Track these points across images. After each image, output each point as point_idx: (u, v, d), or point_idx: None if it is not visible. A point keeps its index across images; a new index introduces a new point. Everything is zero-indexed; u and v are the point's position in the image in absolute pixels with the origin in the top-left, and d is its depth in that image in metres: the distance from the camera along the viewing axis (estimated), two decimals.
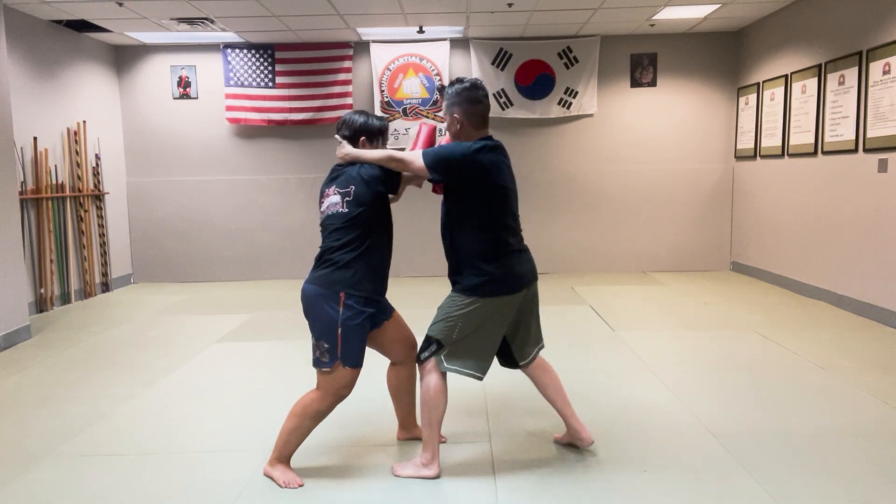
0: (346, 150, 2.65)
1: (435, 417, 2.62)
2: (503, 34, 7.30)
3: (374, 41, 7.42)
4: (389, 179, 2.60)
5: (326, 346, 2.51)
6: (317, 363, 2.56)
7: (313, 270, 2.60)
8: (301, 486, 2.61)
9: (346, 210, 2.55)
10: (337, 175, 2.65)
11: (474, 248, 2.58)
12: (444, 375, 2.63)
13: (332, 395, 2.57)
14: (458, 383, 3.66)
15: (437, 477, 2.65)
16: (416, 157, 2.57)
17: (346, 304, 2.51)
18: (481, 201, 2.56)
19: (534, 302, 2.78)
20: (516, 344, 2.77)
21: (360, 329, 2.55)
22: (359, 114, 2.74)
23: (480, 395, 3.57)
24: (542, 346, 2.87)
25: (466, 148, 2.55)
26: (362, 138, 2.69)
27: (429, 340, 2.64)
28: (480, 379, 2.67)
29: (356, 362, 2.56)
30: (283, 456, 2.66)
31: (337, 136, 2.71)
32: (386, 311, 2.78)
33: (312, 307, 2.55)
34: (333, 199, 2.59)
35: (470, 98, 2.63)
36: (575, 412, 2.87)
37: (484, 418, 3.27)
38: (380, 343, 2.80)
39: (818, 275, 5.91)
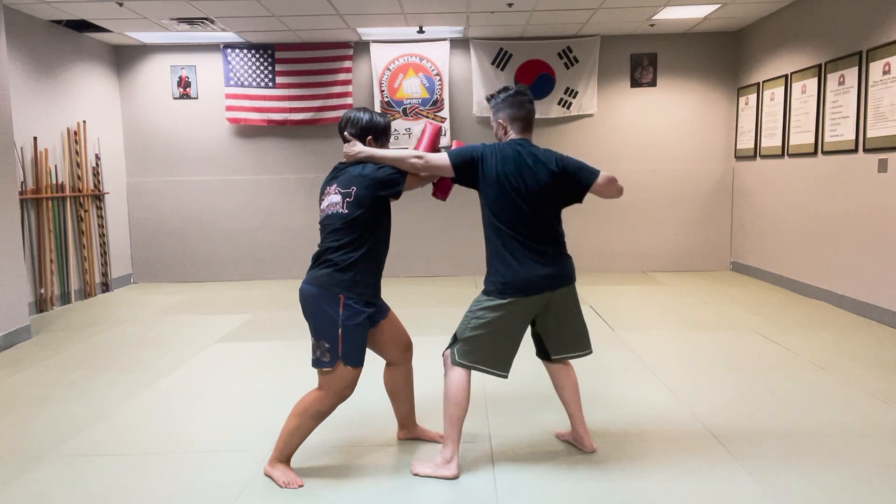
0: (359, 148, 2.62)
1: (456, 415, 2.62)
2: (503, 34, 7.30)
3: (374, 41, 7.42)
4: (393, 183, 2.57)
5: (327, 345, 2.50)
6: (317, 363, 2.55)
7: (311, 270, 2.59)
8: (301, 486, 2.60)
9: (346, 211, 2.53)
10: (339, 173, 2.62)
11: (491, 249, 2.65)
12: (467, 373, 2.64)
13: (333, 396, 2.57)
14: None
15: (455, 477, 2.63)
16: (440, 156, 2.61)
17: (345, 304, 2.50)
18: (489, 202, 2.61)
19: (565, 307, 2.72)
20: (548, 339, 2.76)
21: (361, 328, 2.55)
22: (362, 111, 2.69)
23: (481, 395, 3.56)
24: (588, 353, 2.81)
25: (482, 147, 2.63)
26: (369, 137, 2.66)
27: (453, 336, 2.71)
28: (503, 376, 2.68)
29: (357, 362, 2.55)
30: (283, 456, 2.65)
31: (346, 135, 2.66)
32: (382, 311, 2.78)
33: (312, 308, 2.54)
34: (334, 198, 2.57)
35: (514, 103, 2.68)
36: (584, 419, 2.89)
37: (484, 418, 3.26)
38: (375, 342, 2.79)
39: (818, 275, 5.91)
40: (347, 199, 2.53)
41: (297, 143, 7.67)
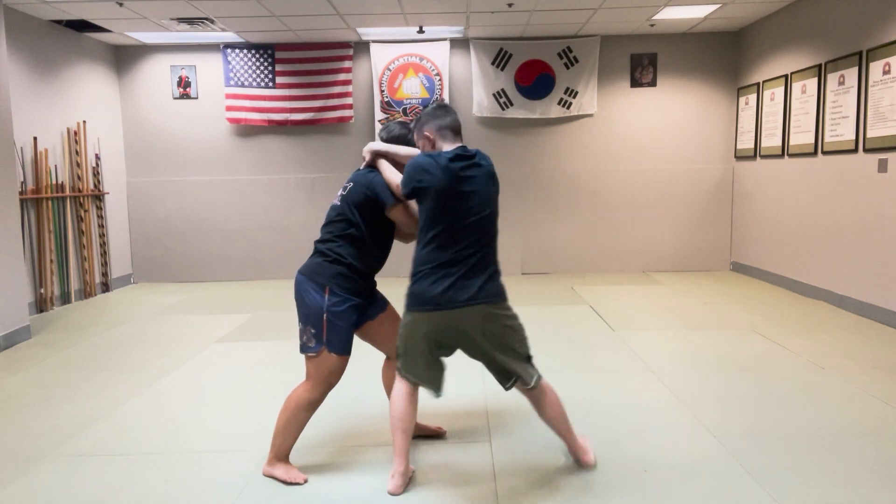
0: (376, 146, 2.68)
1: (394, 425, 2.52)
2: (503, 34, 7.30)
3: (374, 41, 7.42)
4: (383, 190, 2.60)
5: (313, 331, 2.56)
6: (303, 348, 2.60)
7: (308, 258, 2.69)
8: (306, 481, 2.62)
9: (339, 205, 2.66)
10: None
11: (414, 259, 2.53)
12: (413, 385, 2.54)
13: (321, 384, 2.60)
14: (458, 383, 3.67)
15: (394, 494, 2.51)
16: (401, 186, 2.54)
17: (331, 291, 2.57)
18: (420, 215, 2.52)
19: (482, 334, 2.47)
20: (488, 369, 2.62)
21: (346, 316, 2.58)
22: (402, 126, 2.79)
23: (480, 394, 3.57)
24: (529, 386, 2.55)
25: (407, 166, 2.50)
26: None
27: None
28: (434, 394, 2.59)
29: (341, 350, 2.58)
30: (281, 454, 2.66)
31: (378, 138, 2.82)
32: (379, 305, 2.82)
33: (300, 294, 2.62)
34: (339, 192, 2.72)
35: (436, 114, 2.56)
36: (576, 434, 2.69)
37: (484, 418, 3.26)
38: (373, 336, 2.82)
39: (818, 275, 5.91)
40: (342, 194, 2.68)
41: (297, 143, 7.67)
